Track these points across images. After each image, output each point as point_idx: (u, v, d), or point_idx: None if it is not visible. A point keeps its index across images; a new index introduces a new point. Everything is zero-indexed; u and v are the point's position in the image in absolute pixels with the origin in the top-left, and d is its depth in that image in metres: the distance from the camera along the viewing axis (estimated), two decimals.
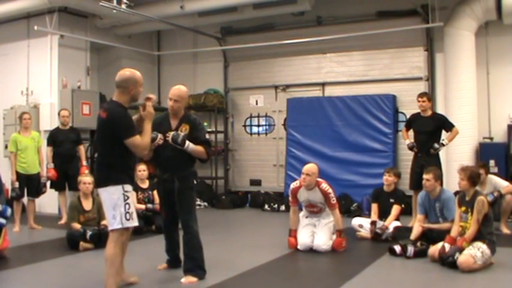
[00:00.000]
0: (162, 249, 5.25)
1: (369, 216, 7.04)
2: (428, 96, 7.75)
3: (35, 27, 8.99)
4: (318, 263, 5.66)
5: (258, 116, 11.01)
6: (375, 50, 9.82)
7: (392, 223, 6.60)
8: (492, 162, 8.25)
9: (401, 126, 8.59)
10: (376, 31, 9.15)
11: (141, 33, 11.12)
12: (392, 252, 5.65)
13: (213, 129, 10.81)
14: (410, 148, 7.55)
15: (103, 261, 4.20)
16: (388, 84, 9.73)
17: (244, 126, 11.15)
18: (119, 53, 10.84)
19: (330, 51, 10.22)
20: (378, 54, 9.83)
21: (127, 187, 4.15)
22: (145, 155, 4.57)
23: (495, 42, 8.93)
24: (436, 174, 5.93)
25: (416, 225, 5.90)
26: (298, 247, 6.06)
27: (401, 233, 6.26)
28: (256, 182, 10.88)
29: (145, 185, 7.64)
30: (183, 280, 4.69)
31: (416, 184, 7.11)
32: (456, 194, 5.75)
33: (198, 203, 10.23)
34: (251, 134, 11.11)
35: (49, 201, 8.95)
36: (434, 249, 5.28)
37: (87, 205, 6.55)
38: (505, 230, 6.88)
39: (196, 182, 4.95)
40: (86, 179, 6.63)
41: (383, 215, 6.76)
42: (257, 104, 11.02)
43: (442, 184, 6.60)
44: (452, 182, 6.95)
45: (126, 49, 10.78)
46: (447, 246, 5.13)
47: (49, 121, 9.20)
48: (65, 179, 8.30)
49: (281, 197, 9.91)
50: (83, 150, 8.61)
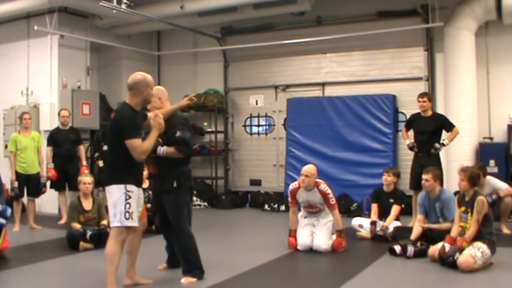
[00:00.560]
0: (162, 249, 5.26)
1: (369, 216, 7.04)
2: (429, 96, 7.75)
3: (35, 27, 8.99)
4: (318, 263, 5.67)
5: (258, 116, 11.01)
6: (375, 50, 9.82)
7: (392, 223, 6.61)
8: (492, 162, 8.26)
9: (401, 126, 8.59)
10: (376, 31, 9.16)
11: (141, 33, 11.12)
12: (392, 252, 5.65)
13: (213, 129, 10.82)
14: (411, 148, 7.55)
15: (103, 261, 4.20)
16: (388, 84, 9.74)
17: (244, 126, 11.15)
18: (119, 53, 10.85)
19: (330, 51, 10.22)
20: (378, 54, 9.83)
21: (130, 187, 4.20)
22: (142, 159, 4.57)
23: (495, 42, 8.93)
24: (435, 174, 5.93)
25: (417, 225, 5.90)
26: (298, 247, 6.06)
27: (401, 233, 6.26)
28: (256, 182, 10.88)
29: (145, 185, 7.59)
30: (183, 280, 4.69)
31: (416, 184, 7.11)
32: (456, 194, 5.75)
33: (198, 203, 10.24)
34: (251, 134, 11.10)
35: (49, 201, 8.95)
36: (434, 249, 5.28)
37: (87, 205, 6.55)
38: (505, 230, 6.88)
39: (178, 183, 4.72)
40: (85, 179, 6.63)
41: (383, 215, 6.76)
42: (257, 104, 11.02)
43: (442, 184, 6.60)
44: (452, 182, 6.95)
45: (126, 49, 10.78)
46: (447, 246, 5.13)
47: (49, 121, 9.21)
48: (65, 179, 8.30)
49: (281, 197, 9.91)
50: (83, 150, 8.62)
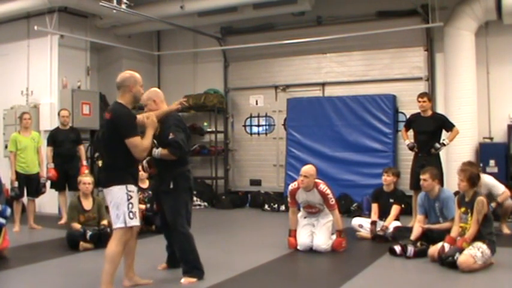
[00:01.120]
0: (162, 249, 5.26)
1: (369, 216, 7.04)
2: (429, 96, 7.75)
3: (35, 27, 8.99)
4: (318, 263, 5.67)
5: (258, 116, 11.01)
6: (375, 50, 9.82)
7: (392, 223, 6.61)
8: (492, 162, 8.26)
9: (401, 126, 8.58)
10: (376, 31, 9.16)
11: (141, 33, 11.12)
12: (392, 252, 5.65)
13: (213, 129, 10.82)
14: (411, 148, 7.55)
15: (103, 261, 4.20)
16: (388, 84, 9.74)
17: (244, 126, 11.14)
18: (119, 53, 10.84)
19: (330, 51, 10.22)
20: (378, 54, 9.83)
21: (130, 187, 4.22)
22: (144, 157, 4.58)
23: (495, 42, 8.93)
24: (432, 174, 5.93)
25: (417, 225, 5.90)
26: (298, 247, 6.06)
27: (401, 233, 6.26)
28: (256, 182, 10.88)
29: (145, 185, 7.64)
30: (183, 281, 4.69)
31: (416, 184, 7.10)
32: (456, 194, 5.75)
33: (198, 203, 10.24)
34: (251, 134, 11.10)
35: (49, 201, 8.95)
36: (434, 249, 5.28)
37: (87, 205, 6.55)
38: (506, 230, 6.87)
39: (175, 184, 4.71)
40: (86, 179, 6.63)
41: (383, 215, 6.76)
42: (257, 104, 11.02)
43: (442, 184, 6.61)
44: (452, 182, 6.94)
45: (126, 49, 10.78)
46: (447, 246, 5.14)
47: (49, 121, 9.21)
48: (65, 179, 8.30)
49: (281, 197, 9.90)
50: (83, 150, 8.61)
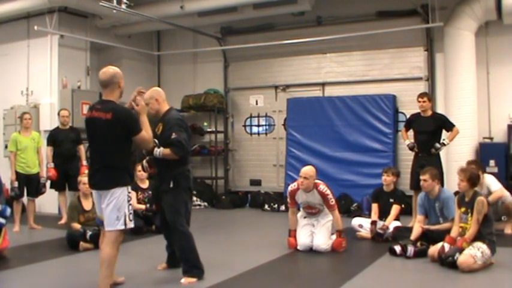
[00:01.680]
0: (162, 249, 5.26)
1: (369, 216, 7.04)
2: (429, 96, 7.75)
3: (35, 27, 8.99)
4: (317, 263, 5.67)
5: (258, 116, 11.01)
6: (375, 50, 9.81)
7: (392, 223, 6.61)
8: (492, 162, 8.25)
9: (402, 126, 8.59)
10: (376, 31, 9.15)
11: (141, 33, 11.12)
12: (392, 252, 5.65)
13: (213, 129, 10.82)
14: (411, 148, 7.55)
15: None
16: (388, 84, 9.74)
17: (244, 126, 11.14)
18: (119, 53, 10.83)
19: (330, 51, 10.21)
20: (378, 54, 9.83)
21: (129, 188, 4.24)
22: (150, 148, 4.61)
23: (495, 42, 8.92)
24: (432, 174, 5.93)
25: (417, 225, 5.90)
26: (298, 247, 6.06)
27: (401, 233, 6.26)
28: (256, 182, 10.88)
29: (145, 185, 7.64)
30: (183, 281, 4.69)
31: (416, 184, 7.09)
32: (456, 194, 5.75)
33: (198, 203, 10.24)
34: (251, 134, 11.10)
35: (49, 201, 8.95)
36: (434, 249, 5.28)
37: (87, 205, 6.55)
38: (508, 231, 6.85)
39: (175, 184, 4.72)
40: (86, 179, 6.54)
41: (383, 215, 6.76)
42: (257, 104, 11.01)
43: (442, 184, 6.61)
44: (452, 182, 6.94)
45: (126, 49, 10.78)
46: (447, 246, 5.14)
47: (49, 121, 9.20)
48: (65, 179, 8.30)
49: (281, 197, 9.89)
50: (83, 150, 8.59)
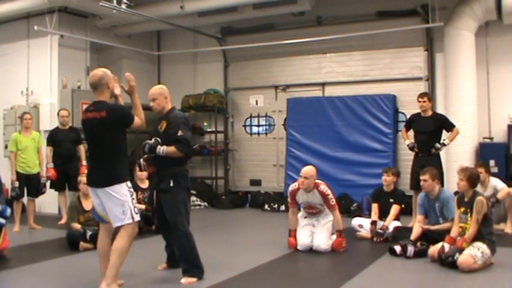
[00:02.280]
0: (162, 249, 5.26)
1: (369, 216, 7.04)
2: (429, 96, 7.75)
3: (35, 27, 8.99)
4: (318, 263, 5.67)
5: (258, 116, 11.01)
6: (375, 50, 9.82)
7: (392, 223, 6.60)
8: (492, 162, 8.24)
9: (402, 126, 8.59)
10: (376, 31, 9.16)
11: (141, 33, 11.12)
12: (392, 252, 5.65)
13: (213, 129, 10.82)
14: (411, 148, 7.55)
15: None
16: (388, 84, 9.74)
17: (244, 126, 11.14)
18: (119, 53, 10.84)
19: (330, 51, 10.21)
20: (378, 54, 9.83)
21: (129, 183, 4.32)
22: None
23: (495, 42, 8.92)
24: (432, 174, 5.93)
25: (416, 225, 5.90)
26: (298, 247, 6.06)
27: (401, 233, 6.26)
28: (256, 182, 10.87)
29: (145, 185, 7.64)
30: (183, 281, 4.68)
31: (416, 184, 7.10)
32: (456, 194, 5.75)
33: (198, 203, 10.24)
34: (251, 134, 11.10)
35: (49, 201, 8.95)
36: (434, 249, 5.28)
37: (87, 205, 6.54)
38: (509, 230, 6.85)
39: (176, 183, 4.71)
40: (86, 179, 6.60)
41: (383, 215, 6.75)
42: (257, 104, 11.01)
43: (442, 184, 6.61)
44: (452, 182, 6.93)
45: (126, 49, 10.78)
46: (447, 246, 5.14)
47: (49, 121, 9.20)
48: (65, 179, 8.31)
49: (281, 197, 9.90)
50: (82, 150, 8.58)
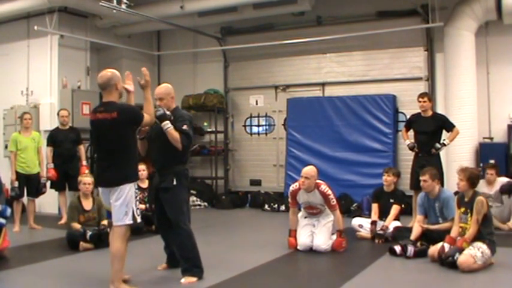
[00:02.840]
0: (162, 249, 5.25)
1: (369, 216, 7.04)
2: (429, 96, 7.74)
3: (35, 27, 8.99)
4: (318, 263, 5.67)
5: (258, 116, 11.01)
6: (375, 50, 9.82)
7: (392, 223, 6.60)
8: (492, 163, 8.24)
9: (402, 126, 8.59)
10: (376, 31, 9.16)
11: (141, 33, 11.12)
12: (392, 252, 5.65)
13: (213, 129, 10.82)
14: (411, 148, 7.55)
15: (103, 261, 4.20)
16: (388, 84, 9.74)
17: (244, 126, 11.14)
18: (119, 53, 10.84)
19: (330, 51, 10.21)
20: (378, 54, 9.83)
21: (135, 184, 4.40)
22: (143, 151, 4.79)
23: (495, 42, 8.92)
24: (432, 174, 5.93)
25: (416, 225, 5.90)
26: (298, 247, 6.06)
27: (401, 233, 6.25)
28: (256, 182, 10.88)
29: (145, 185, 7.64)
30: (183, 281, 4.68)
31: (416, 184, 7.09)
32: (456, 194, 5.75)
33: (198, 203, 10.24)
34: (251, 134, 11.10)
35: (49, 201, 8.94)
36: (434, 249, 5.28)
37: (87, 205, 6.55)
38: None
39: (178, 181, 4.73)
40: (86, 179, 6.62)
41: (383, 215, 6.75)
42: (257, 104, 11.01)
43: (442, 184, 6.61)
44: (452, 182, 6.94)
45: (126, 49, 10.78)
46: (447, 246, 5.13)
47: (49, 121, 9.20)
48: (65, 179, 8.30)
49: (281, 197, 9.90)
50: (83, 150, 8.61)
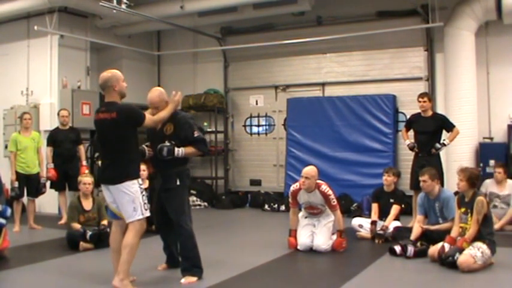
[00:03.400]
0: (162, 249, 5.26)
1: (369, 216, 7.04)
2: (429, 96, 7.75)
3: (35, 27, 8.99)
4: (318, 263, 5.67)
5: (258, 116, 11.01)
6: (375, 50, 9.82)
7: (392, 223, 6.60)
8: (492, 162, 8.24)
9: (402, 126, 8.59)
10: (376, 31, 9.15)
11: (141, 33, 11.11)
12: (392, 252, 5.64)
13: (213, 129, 10.82)
14: (411, 148, 7.55)
15: (103, 261, 4.20)
16: (388, 84, 9.74)
17: (244, 126, 11.14)
18: (119, 53, 10.84)
19: (330, 51, 10.21)
20: (378, 54, 9.83)
21: (139, 180, 4.46)
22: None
23: (495, 42, 8.92)
24: (431, 174, 5.92)
25: (416, 225, 5.89)
26: (298, 247, 6.06)
27: (401, 233, 6.25)
28: (256, 182, 10.88)
29: (145, 185, 7.61)
30: (183, 280, 4.68)
31: (416, 184, 7.08)
32: (456, 194, 5.75)
33: (198, 203, 10.24)
34: (251, 134, 11.10)
35: (49, 201, 8.94)
36: (434, 249, 5.28)
37: (87, 205, 6.55)
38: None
39: (182, 181, 4.78)
40: (86, 179, 6.63)
41: (383, 215, 6.75)
42: (257, 104, 11.01)
43: (442, 184, 6.61)
44: (452, 182, 6.94)
45: (126, 49, 10.78)
46: (447, 246, 5.13)
47: (49, 121, 9.20)
48: (65, 179, 8.30)
49: (281, 197, 9.90)
50: (82, 150, 8.61)
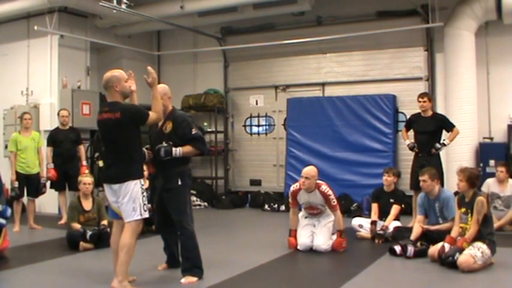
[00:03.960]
0: (162, 250, 5.26)
1: (369, 216, 7.04)
2: (429, 96, 7.75)
3: (35, 27, 8.99)
4: (318, 263, 5.67)
5: (258, 116, 11.01)
6: (375, 50, 9.82)
7: (392, 223, 6.60)
8: (492, 162, 8.25)
9: (402, 126, 8.59)
10: (376, 31, 9.16)
11: (141, 33, 11.12)
12: (392, 252, 5.64)
13: (213, 129, 10.82)
14: (411, 148, 7.55)
15: (103, 261, 4.20)
16: (388, 84, 9.74)
17: (244, 126, 11.14)
18: (119, 53, 10.84)
19: (330, 51, 10.22)
20: (378, 54, 9.83)
21: (142, 181, 4.50)
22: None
23: (495, 42, 8.92)
24: (431, 174, 5.93)
25: (416, 225, 5.89)
26: (298, 247, 6.06)
27: (401, 233, 6.25)
28: (256, 182, 10.88)
29: (145, 185, 7.62)
30: (183, 280, 4.68)
31: (416, 184, 7.09)
32: (456, 194, 5.75)
33: (198, 203, 10.24)
34: (251, 134, 11.10)
35: (49, 201, 8.95)
36: (434, 249, 5.28)
37: (87, 205, 6.55)
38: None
39: (184, 181, 4.79)
40: (86, 179, 6.63)
41: (383, 215, 6.75)
42: (257, 104, 11.01)
43: (442, 184, 6.61)
44: (452, 182, 6.94)
45: (126, 49, 10.78)
46: (447, 246, 5.13)
47: (49, 121, 9.20)
48: (65, 179, 8.30)
49: (281, 197, 9.90)
50: (83, 150, 8.62)
